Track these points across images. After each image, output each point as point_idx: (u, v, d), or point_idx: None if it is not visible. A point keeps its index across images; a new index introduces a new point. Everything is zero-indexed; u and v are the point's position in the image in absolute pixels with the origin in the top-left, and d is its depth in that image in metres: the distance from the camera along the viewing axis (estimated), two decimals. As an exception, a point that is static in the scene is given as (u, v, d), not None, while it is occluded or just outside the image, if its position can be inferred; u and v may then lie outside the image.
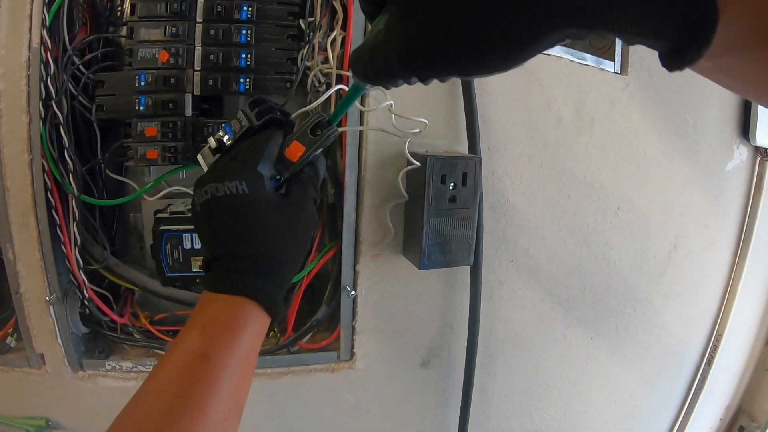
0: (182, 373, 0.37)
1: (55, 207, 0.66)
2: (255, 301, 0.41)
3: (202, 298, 0.42)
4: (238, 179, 0.44)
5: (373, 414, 0.83)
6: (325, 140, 0.49)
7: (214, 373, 0.37)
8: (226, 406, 0.37)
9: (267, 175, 0.46)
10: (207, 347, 0.38)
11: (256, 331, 0.42)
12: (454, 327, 0.81)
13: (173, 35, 0.63)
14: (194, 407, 0.35)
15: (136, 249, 0.77)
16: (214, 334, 0.39)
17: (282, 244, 0.44)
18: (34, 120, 0.62)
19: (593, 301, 0.89)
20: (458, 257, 0.69)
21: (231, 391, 0.38)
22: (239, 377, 0.39)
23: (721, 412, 1.32)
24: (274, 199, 0.46)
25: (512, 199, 0.78)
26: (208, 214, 0.44)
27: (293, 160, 0.49)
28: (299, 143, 0.49)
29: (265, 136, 0.49)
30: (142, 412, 0.36)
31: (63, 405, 0.75)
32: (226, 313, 0.40)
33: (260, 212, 0.44)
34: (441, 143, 0.73)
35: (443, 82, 0.33)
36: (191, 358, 0.38)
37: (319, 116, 0.50)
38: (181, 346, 0.39)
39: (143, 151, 0.64)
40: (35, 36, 0.61)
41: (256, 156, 0.46)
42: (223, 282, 0.42)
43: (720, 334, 1.12)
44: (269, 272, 0.43)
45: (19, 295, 0.68)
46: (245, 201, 0.44)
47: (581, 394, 0.96)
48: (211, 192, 0.44)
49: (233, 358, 0.39)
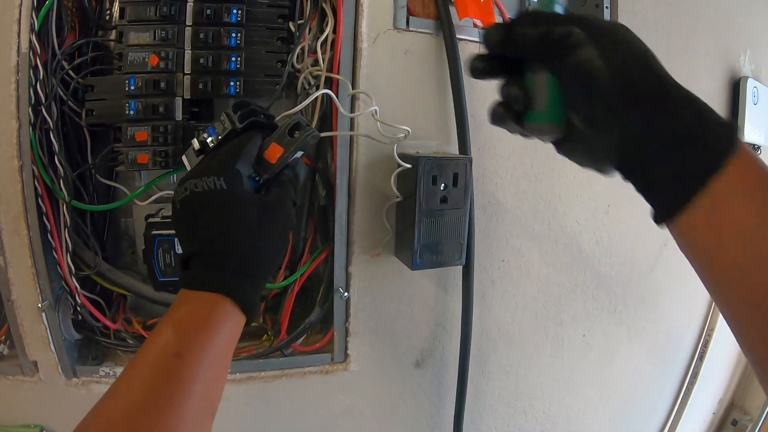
0: (155, 371, 0.36)
1: (45, 213, 0.65)
2: (230, 299, 0.41)
3: (178, 296, 0.42)
4: (216, 175, 0.44)
5: (368, 415, 0.83)
6: (303, 142, 0.50)
7: (187, 372, 0.37)
8: (200, 406, 0.37)
9: (245, 174, 0.47)
10: (181, 345, 0.38)
11: (232, 330, 0.41)
12: (447, 327, 0.81)
13: (163, 39, 0.63)
14: (167, 405, 0.35)
15: (127, 254, 0.76)
16: (189, 333, 0.39)
17: (259, 243, 0.45)
18: (24, 125, 0.62)
19: (585, 299, 0.89)
20: (450, 257, 0.70)
21: (205, 391, 0.37)
22: (213, 376, 0.39)
23: (714, 406, 1.34)
24: (251, 196, 0.46)
25: (503, 198, 0.78)
26: (187, 210, 0.45)
27: (272, 161, 0.49)
28: (278, 145, 0.50)
29: (244, 138, 0.49)
30: (111, 410, 0.35)
31: (57, 412, 0.75)
32: (200, 311, 0.40)
33: (237, 208, 0.44)
34: (431, 144, 0.73)
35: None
36: (165, 356, 0.37)
37: (297, 118, 0.51)
38: (154, 343, 0.38)
39: (134, 155, 0.64)
40: (24, 41, 0.61)
41: (235, 155, 0.47)
42: (199, 279, 0.42)
43: (711, 329, 1.13)
44: (245, 270, 0.43)
45: (11, 303, 0.68)
46: (223, 196, 0.44)
47: (575, 391, 0.96)
48: (190, 188, 0.45)
49: (208, 357, 0.38)
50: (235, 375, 0.75)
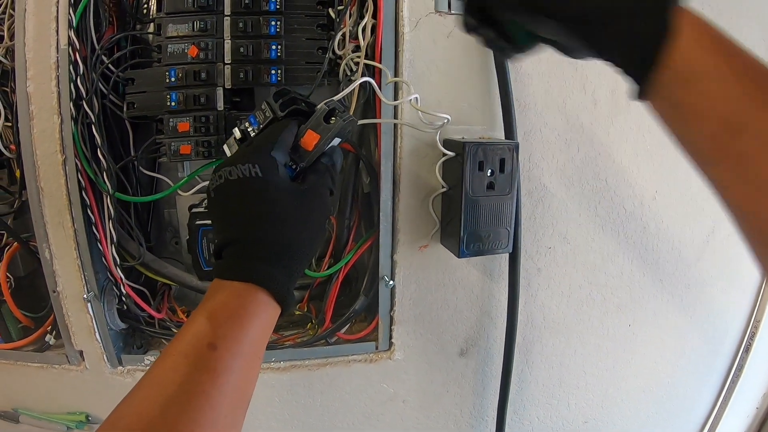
0: (188, 362, 0.36)
1: (89, 205, 0.66)
2: (264, 288, 0.40)
3: (211, 285, 0.41)
4: (251, 163, 0.43)
5: (411, 404, 0.83)
6: (340, 128, 0.49)
7: (221, 363, 0.36)
8: (233, 397, 0.36)
9: (281, 162, 0.46)
10: (214, 336, 0.37)
11: (266, 321, 0.41)
12: (492, 315, 0.80)
13: (201, 29, 0.63)
14: (200, 397, 0.34)
15: (171, 244, 0.77)
16: (222, 323, 0.38)
17: (294, 231, 0.44)
18: (66, 120, 0.63)
19: (631, 288, 0.87)
20: (497, 245, 0.68)
21: (238, 382, 0.37)
22: (247, 367, 0.38)
23: (758, 400, 1.30)
24: (287, 184, 0.45)
25: (549, 184, 0.76)
26: (221, 198, 0.44)
27: (308, 149, 0.48)
28: (314, 132, 0.48)
29: (280, 126, 0.48)
30: (143, 401, 0.34)
31: (102, 400, 0.76)
32: (234, 301, 0.40)
33: (272, 196, 0.43)
34: (477, 129, 0.71)
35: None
36: (198, 347, 0.37)
37: (333, 104, 0.49)
38: (187, 334, 0.38)
39: (176, 146, 0.64)
40: (63, 37, 0.61)
41: (270, 143, 0.46)
42: (232, 269, 0.41)
43: (758, 320, 1.09)
44: (280, 259, 0.42)
45: (57, 294, 0.69)
46: (258, 184, 0.43)
47: (618, 381, 0.94)
48: (225, 176, 0.44)
49: (241, 348, 0.38)
50: (279, 363, 0.75)
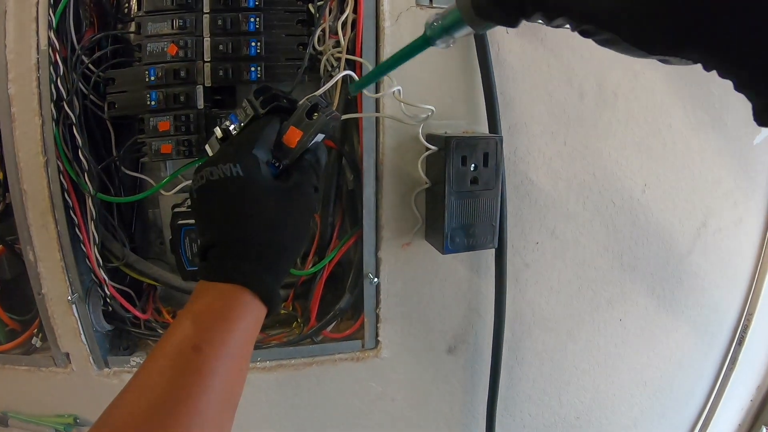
0: (173, 365, 0.35)
1: (72, 207, 0.66)
2: (249, 289, 0.40)
3: (197, 287, 0.41)
4: (232, 162, 0.43)
5: (400, 402, 0.82)
6: (322, 123, 0.48)
7: (206, 365, 0.36)
8: (220, 400, 0.36)
9: (263, 160, 0.45)
10: (200, 338, 0.37)
11: (252, 322, 0.40)
12: (480, 312, 0.79)
13: (181, 28, 0.62)
14: (186, 400, 0.34)
15: (156, 245, 0.76)
16: (208, 325, 0.38)
17: (278, 231, 0.43)
18: (47, 122, 0.62)
19: (622, 282, 0.86)
20: (482, 240, 0.67)
21: (225, 384, 0.36)
22: (233, 369, 0.38)
23: (752, 392, 1.29)
24: (270, 183, 0.44)
25: (535, 178, 0.76)
26: (204, 199, 0.44)
27: (291, 146, 0.48)
28: (296, 128, 0.48)
29: (262, 123, 0.47)
30: (129, 405, 0.34)
31: (90, 402, 0.76)
32: (219, 303, 0.39)
33: (255, 196, 0.43)
34: (460, 123, 0.70)
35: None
36: (183, 350, 0.36)
37: (315, 99, 0.49)
38: (173, 337, 0.37)
39: (157, 146, 0.63)
40: (42, 38, 0.61)
41: (252, 141, 0.45)
42: (217, 270, 0.41)
43: (751, 314, 1.08)
44: (265, 259, 0.42)
45: (42, 296, 0.69)
46: (240, 184, 0.43)
47: (610, 376, 0.94)
48: (206, 176, 0.43)
49: (227, 350, 0.37)
50: (265, 363, 0.75)
